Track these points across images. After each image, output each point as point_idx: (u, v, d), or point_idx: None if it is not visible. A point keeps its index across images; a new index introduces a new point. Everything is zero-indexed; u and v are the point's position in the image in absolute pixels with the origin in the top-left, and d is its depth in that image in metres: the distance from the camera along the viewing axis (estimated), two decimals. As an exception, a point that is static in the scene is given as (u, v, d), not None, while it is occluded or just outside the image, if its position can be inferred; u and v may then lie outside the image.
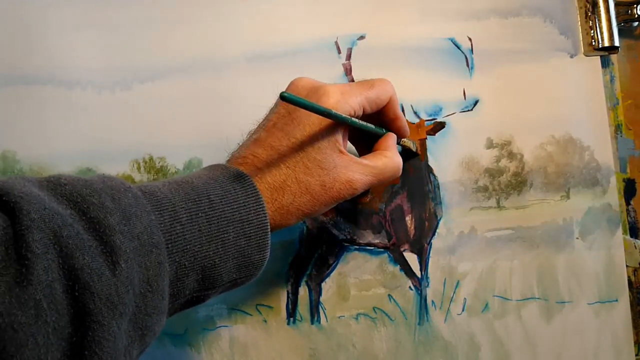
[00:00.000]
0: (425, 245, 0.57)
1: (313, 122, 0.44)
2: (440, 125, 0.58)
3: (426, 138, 0.58)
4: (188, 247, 0.37)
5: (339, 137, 0.45)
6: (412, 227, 0.57)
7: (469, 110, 0.59)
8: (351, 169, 0.45)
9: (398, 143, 0.52)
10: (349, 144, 0.52)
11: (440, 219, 0.58)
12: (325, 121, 0.44)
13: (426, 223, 0.57)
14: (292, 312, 0.55)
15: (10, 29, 0.52)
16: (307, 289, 0.55)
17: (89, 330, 0.30)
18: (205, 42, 0.55)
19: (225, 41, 0.56)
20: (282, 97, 0.39)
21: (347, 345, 0.55)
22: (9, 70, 0.52)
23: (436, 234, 0.57)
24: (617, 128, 0.62)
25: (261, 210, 0.41)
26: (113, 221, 0.33)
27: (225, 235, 0.39)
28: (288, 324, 0.55)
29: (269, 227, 0.41)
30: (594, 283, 0.59)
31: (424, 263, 0.57)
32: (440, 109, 0.58)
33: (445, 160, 0.58)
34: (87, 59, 0.53)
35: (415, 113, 0.58)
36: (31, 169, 0.51)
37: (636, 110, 0.63)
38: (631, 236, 0.61)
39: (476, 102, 0.59)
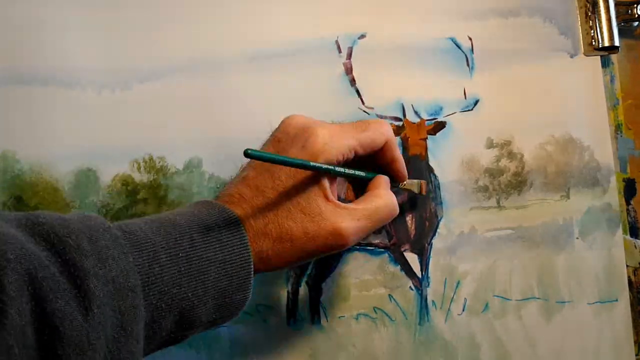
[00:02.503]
0: (426, 245, 0.57)
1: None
2: (441, 125, 0.58)
3: (427, 138, 0.58)
4: (166, 289, 0.36)
5: (326, 181, 0.43)
6: (413, 227, 0.57)
7: (469, 110, 0.59)
8: (339, 215, 0.43)
9: (397, 187, 0.51)
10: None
11: (440, 218, 0.58)
12: (310, 160, 0.42)
13: (427, 223, 0.57)
14: (292, 312, 0.55)
15: (10, 28, 0.52)
16: (307, 289, 0.55)
17: None
18: (206, 42, 0.55)
19: (226, 40, 0.56)
20: (246, 154, 0.38)
21: (348, 345, 0.55)
22: (9, 70, 0.52)
23: (437, 233, 0.57)
24: (617, 128, 0.62)
25: (244, 249, 0.40)
26: (88, 264, 0.33)
27: (206, 276, 0.38)
28: (288, 324, 0.55)
29: (252, 266, 0.40)
30: (594, 283, 0.59)
31: (424, 263, 0.57)
32: (441, 109, 0.58)
33: (446, 160, 0.58)
34: (87, 59, 0.53)
35: (415, 113, 0.58)
36: (31, 168, 0.51)
37: (636, 110, 0.63)
38: (631, 236, 0.61)
39: (476, 102, 0.59)
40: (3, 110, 0.51)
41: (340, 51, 0.57)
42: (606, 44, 0.60)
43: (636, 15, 0.62)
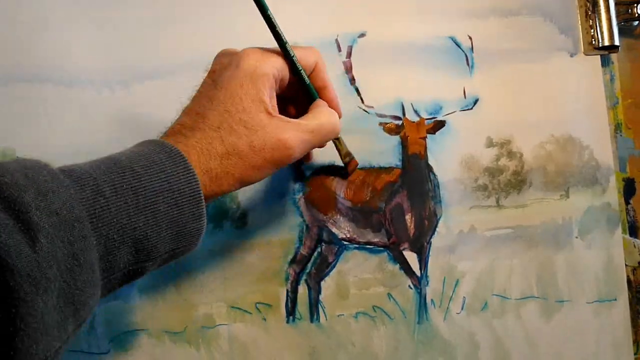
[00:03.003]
0: (425, 244, 0.57)
1: (235, 84, 0.43)
2: (441, 124, 0.58)
3: (426, 137, 0.58)
4: (115, 220, 0.36)
5: (265, 97, 0.44)
6: (412, 226, 0.57)
7: (469, 109, 0.59)
8: (283, 128, 0.44)
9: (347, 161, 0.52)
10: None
11: (440, 217, 0.58)
12: (248, 82, 0.43)
13: (426, 222, 0.57)
14: (291, 311, 0.55)
15: (10, 27, 0.52)
16: (306, 288, 0.55)
17: (12, 307, 0.30)
18: (206, 41, 0.55)
19: (226, 39, 0.55)
20: None
21: (347, 343, 0.55)
22: (9, 69, 0.52)
23: (436, 232, 0.57)
24: (617, 127, 0.62)
25: (192, 177, 0.40)
26: (28, 198, 0.32)
27: (155, 206, 0.38)
28: (287, 322, 0.55)
29: (201, 194, 0.40)
30: (593, 282, 0.59)
31: (423, 262, 0.57)
32: (441, 108, 0.58)
33: (445, 159, 0.58)
34: (87, 58, 0.53)
35: (415, 112, 0.58)
36: (31, 167, 0.51)
37: (636, 109, 0.63)
38: (630, 235, 0.61)
39: (476, 101, 0.59)
40: (3, 109, 0.51)
41: (340, 50, 0.57)
42: (606, 43, 0.60)
43: (636, 15, 0.62)
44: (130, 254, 0.37)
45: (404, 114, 0.58)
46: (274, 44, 0.49)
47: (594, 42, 0.61)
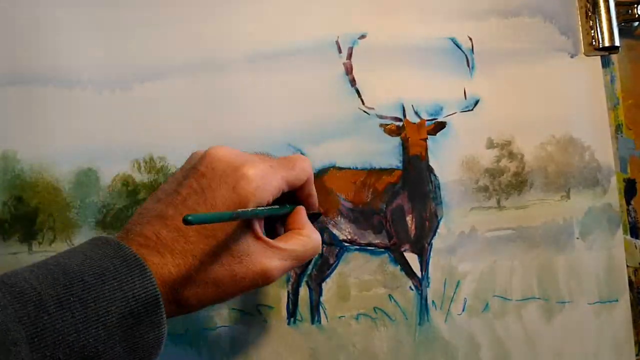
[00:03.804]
0: (426, 245, 0.57)
1: (227, 205, 0.40)
2: (441, 125, 0.58)
3: (427, 138, 0.58)
4: (60, 337, 0.33)
5: (255, 222, 0.41)
6: (413, 227, 0.57)
7: (469, 110, 0.59)
8: (267, 256, 0.41)
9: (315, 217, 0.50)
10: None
11: (440, 219, 0.58)
12: (238, 203, 0.40)
13: (427, 223, 0.57)
14: (292, 312, 0.55)
15: (11, 28, 0.52)
16: (307, 289, 0.55)
17: None
18: (206, 42, 0.55)
19: (226, 41, 0.56)
20: (185, 221, 0.34)
21: (348, 345, 0.55)
22: (9, 70, 0.52)
23: (437, 234, 0.57)
24: (618, 128, 0.62)
25: (148, 282, 0.36)
26: None
27: (107, 317, 0.35)
28: (288, 324, 0.55)
29: (160, 299, 0.37)
30: (594, 283, 0.59)
31: (424, 263, 0.57)
32: (441, 109, 0.58)
33: (446, 160, 0.58)
34: (87, 59, 0.53)
35: (416, 113, 0.58)
36: (31, 168, 0.51)
37: (637, 110, 0.63)
38: (631, 236, 0.61)
39: (477, 102, 0.59)
40: (3, 110, 0.51)
41: (340, 51, 0.57)
42: (606, 44, 0.60)
43: (636, 15, 0.62)
44: None
45: (404, 115, 0.58)
46: (274, 43, 0.49)
47: (594, 42, 0.61)
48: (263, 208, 0.42)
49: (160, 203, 0.41)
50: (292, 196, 0.47)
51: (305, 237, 0.44)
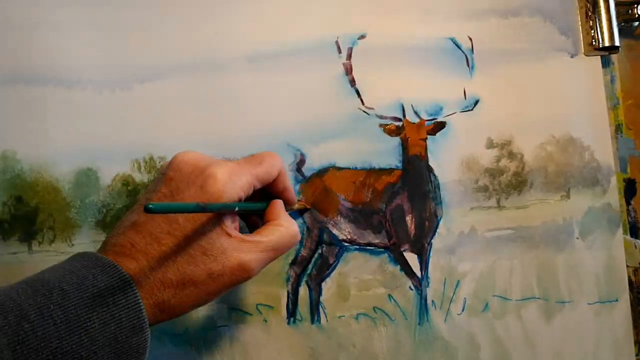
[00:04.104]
0: (426, 245, 0.57)
1: None
2: (441, 125, 0.58)
3: (427, 138, 0.58)
4: (42, 344, 0.33)
5: (227, 217, 0.42)
6: (413, 227, 0.57)
7: (469, 110, 0.59)
8: (243, 250, 0.41)
9: (290, 209, 0.50)
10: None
11: (440, 218, 0.58)
12: (211, 201, 0.40)
13: (426, 223, 0.57)
14: (292, 312, 0.55)
15: (11, 28, 0.52)
16: (307, 289, 0.55)
17: None
18: (206, 42, 0.55)
19: (226, 41, 0.56)
20: (147, 210, 0.34)
21: (347, 345, 0.55)
22: (9, 70, 0.52)
23: (436, 233, 0.57)
24: (618, 128, 0.62)
25: (128, 286, 0.37)
26: None
27: (89, 323, 0.35)
28: (288, 323, 0.55)
29: (140, 303, 0.37)
30: (594, 283, 0.59)
31: (424, 263, 0.57)
32: (441, 109, 0.58)
33: (446, 160, 0.58)
34: (87, 59, 0.53)
35: (415, 113, 0.58)
36: (31, 168, 0.52)
37: (636, 110, 0.63)
38: (631, 236, 0.61)
39: (476, 102, 0.59)
40: (3, 110, 0.52)
41: (340, 51, 0.57)
42: (606, 43, 0.60)
43: (636, 15, 0.62)
44: None
45: (404, 115, 0.58)
46: (274, 43, 0.49)
47: (594, 42, 0.61)
48: (232, 202, 0.42)
49: (133, 213, 0.42)
50: (268, 195, 0.48)
51: (280, 227, 0.45)
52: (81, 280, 0.36)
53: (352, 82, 0.57)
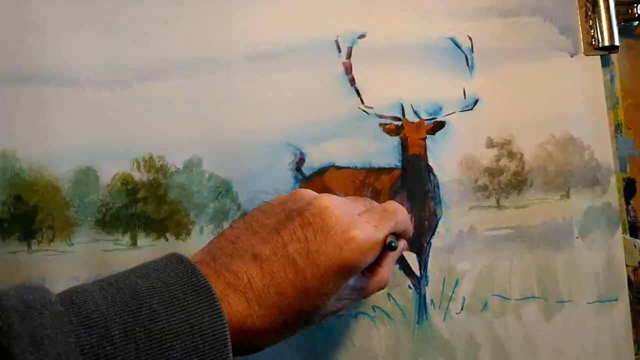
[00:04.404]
0: (425, 244, 0.57)
1: (329, 265, 0.38)
2: (440, 125, 0.58)
3: (426, 137, 0.58)
4: None
5: (350, 282, 0.41)
6: (412, 226, 0.57)
7: (469, 110, 0.59)
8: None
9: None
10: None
11: (439, 218, 0.58)
12: (339, 275, 0.38)
13: (426, 222, 0.57)
14: (291, 311, 0.55)
15: (10, 28, 0.52)
16: (306, 288, 0.55)
17: None
18: (206, 41, 0.55)
19: (226, 40, 0.56)
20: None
21: (347, 343, 0.55)
22: (9, 69, 0.52)
23: (436, 233, 0.57)
24: (617, 127, 0.62)
25: (217, 316, 0.34)
26: (18, 349, 0.29)
27: (171, 352, 0.32)
28: (287, 322, 0.55)
29: (228, 337, 0.34)
30: (593, 282, 0.59)
31: (423, 262, 0.57)
32: (440, 108, 0.58)
33: (445, 159, 0.58)
34: (87, 58, 0.53)
35: (415, 112, 0.58)
36: (31, 167, 0.52)
37: (636, 109, 0.63)
38: (631, 236, 0.61)
39: (476, 102, 0.59)
40: (3, 109, 0.51)
41: (340, 51, 0.57)
42: (606, 43, 0.60)
43: (636, 15, 0.62)
44: None
45: (403, 114, 0.58)
46: (274, 42, 0.49)
47: (594, 42, 0.61)
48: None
49: (256, 237, 0.39)
50: None
51: (375, 277, 0.44)
52: (171, 299, 0.34)
53: (352, 81, 0.57)
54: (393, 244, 0.43)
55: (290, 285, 0.37)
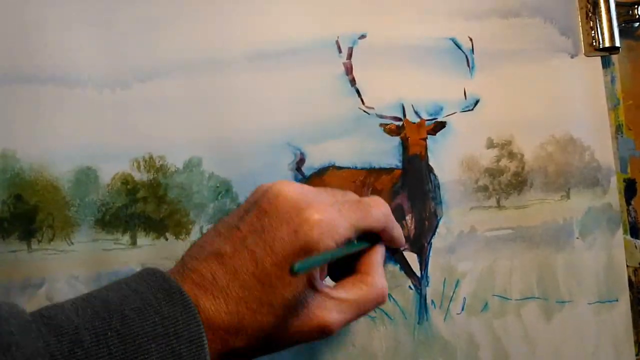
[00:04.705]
0: (425, 244, 0.57)
1: (286, 250, 0.36)
2: (441, 125, 0.58)
3: (427, 138, 0.58)
4: None
5: (317, 269, 0.38)
6: (412, 227, 0.57)
7: (469, 110, 0.59)
8: (326, 308, 0.38)
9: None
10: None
11: (440, 218, 0.58)
12: (300, 248, 0.36)
13: (426, 222, 0.57)
14: (291, 311, 0.55)
15: (10, 28, 0.52)
16: (306, 288, 0.55)
17: None
18: (206, 41, 0.55)
19: (226, 40, 0.56)
20: (292, 273, 0.32)
21: (347, 344, 0.55)
22: (9, 69, 0.52)
23: (436, 233, 0.57)
24: (618, 128, 0.62)
25: (192, 318, 0.33)
26: None
27: (146, 355, 0.32)
28: (288, 323, 0.55)
29: (204, 338, 0.33)
30: (594, 283, 0.59)
31: (423, 262, 0.57)
32: (441, 109, 0.58)
33: (446, 159, 0.58)
34: (87, 58, 0.53)
35: (415, 113, 0.58)
36: (31, 167, 0.51)
37: (637, 110, 0.63)
38: (631, 236, 0.61)
39: (477, 102, 0.59)
40: (3, 109, 0.51)
41: (340, 51, 0.57)
42: (607, 44, 0.60)
43: (637, 16, 0.62)
44: None
45: (404, 115, 0.58)
46: (274, 42, 0.49)
47: (594, 43, 0.61)
48: (342, 248, 0.39)
49: (220, 237, 0.38)
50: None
51: (367, 286, 0.40)
52: (144, 305, 0.33)
53: (353, 81, 0.57)
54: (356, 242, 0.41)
55: (252, 277, 0.36)
